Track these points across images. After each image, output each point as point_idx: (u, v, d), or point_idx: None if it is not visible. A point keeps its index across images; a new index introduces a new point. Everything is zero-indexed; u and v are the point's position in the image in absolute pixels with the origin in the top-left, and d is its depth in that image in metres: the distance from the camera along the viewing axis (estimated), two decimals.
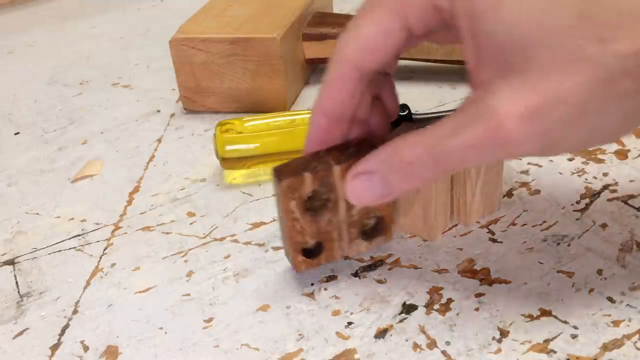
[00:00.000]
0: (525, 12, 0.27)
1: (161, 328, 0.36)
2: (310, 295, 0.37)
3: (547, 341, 0.32)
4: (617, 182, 0.42)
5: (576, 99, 0.26)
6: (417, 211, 0.38)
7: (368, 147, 0.34)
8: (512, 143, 0.28)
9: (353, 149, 0.35)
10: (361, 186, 0.33)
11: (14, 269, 0.42)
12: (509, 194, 0.42)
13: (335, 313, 0.35)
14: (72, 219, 0.46)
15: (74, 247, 0.43)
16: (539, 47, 0.27)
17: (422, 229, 0.39)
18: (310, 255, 0.37)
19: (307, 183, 0.34)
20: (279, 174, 0.34)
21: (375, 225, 0.37)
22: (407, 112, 0.48)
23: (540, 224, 0.39)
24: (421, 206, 0.38)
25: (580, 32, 0.26)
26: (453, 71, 0.59)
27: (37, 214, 0.47)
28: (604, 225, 0.39)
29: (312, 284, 0.37)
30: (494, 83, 0.28)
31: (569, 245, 0.38)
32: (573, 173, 0.43)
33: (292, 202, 0.34)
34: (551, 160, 0.45)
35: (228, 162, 0.47)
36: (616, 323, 0.33)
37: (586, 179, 0.43)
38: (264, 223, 0.43)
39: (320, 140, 0.35)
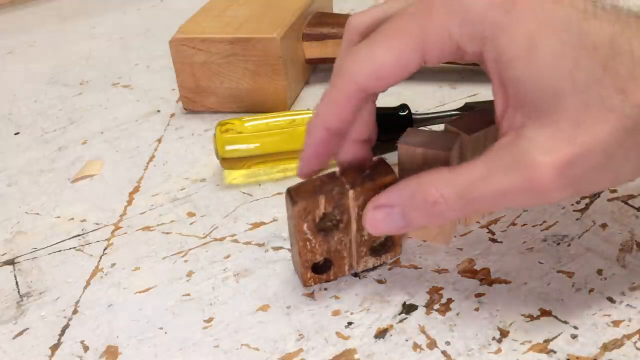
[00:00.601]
0: (557, 62, 0.27)
1: (161, 328, 0.36)
2: (310, 295, 0.37)
3: (547, 341, 0.32)
4: None
5: (604, 148, 0.27)
6: None
7: (384, 170, 0.35)
8: (546, 192, 0.28)
9: (368, 171, 0.35)
10: (380, 218, 0.33)
11: (14, 269, 0.42)
12: None
13: (335, 313, 0.35)
14: (72, 219, 0.46)
15: (74, 247, 0.43)
16: (570, 97, 0.27)
17: (437, 234, 0.39)
18: (318, 270, 0.37)
19: (321, 205, 0.34)
20: (293, 195, 0.34)
21: (384, 242, 0.37)
22: (407, 112, 0.48)
23: (540, 224, 0.39)
24: None
25: (605, 84, 0.27)
26: (453, 71, 0.59)
27: (37, 214, 0.47)
28: (604, 225, 0.39)
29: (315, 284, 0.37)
30: (527, 128, 0.28)
31: (569, 245, 0.38)
32: None
33: (305, 224, 0.34)
34: None
35: (228, 162, 0.47)
36: (616, 323, 0.33)
37: None
38: (264, 223, 0.43)
39: (318, 153, 0.34)
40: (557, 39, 0.27)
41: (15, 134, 0.58)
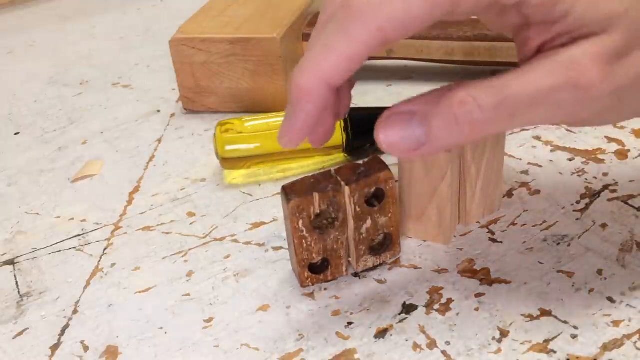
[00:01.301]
0: None
1: (161, 328, 0.36)
2: (310, 295, 0.37)
3: (547, 341, 0.32)
4: (617, 182, 0.42)
5: None
6: (432, 216, 0.38)
7: (378, 166, 0.35)
8: (591, 91, 0.27)
9: (363, 168, 0.35)
10: (396, 129, 0.28)
11: (14, 269, 0.42)
12: (509, 194, 0.42)
13: (335, 313, 0.35)
14: (72, 219, 0.46)
15: (74, 247, 0.43)
16: (620, 16, 0.27)
17: (437, 233, 0.39)
18: (316, 270, 0.37)
19: (316, 203, 0.34)
20: (288, 193, 0.34)
21: (382, 241, 0.37)
22: None
23: (540, 224, 0.39)
24: (436, 211, 0.38)
25: None
26: (453, 71, 0.59)
27: (37, 214, 0.47)
28: (604, 225, 0.39)
29: (312, 284, 0.37)
30: (570, 43, 0.28)
31: (569, 245, 0.38)
32: (573, 173, 0.43)
33: (300, 221, 0.34)
34: (551, 161, 0.45)
35: (228, 162, 0.47)
36: (616, 323, 0.33)
37: (586, 179, 0.43)
38: (264, 223, 0.43)
39: (318, 116, 0.29)
40: None
41: (15, 134, 0.58)
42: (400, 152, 0.29)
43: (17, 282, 0.40)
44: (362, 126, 0.47)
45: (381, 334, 0.34)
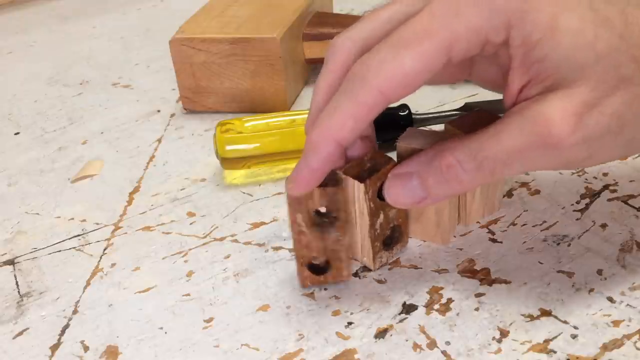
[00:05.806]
0: (580, 37, 0.29)
1: (161, 328, 0.36)
2: (310, 295, 0.37)
3: (547, 341, 0.32)
4: (617, 182, 0.42)
5: (617, 112, 0.29)
6: (430, 217, 0.38)
7: (382, 159, 0.35)
8: (560, 146, 0.29)
9: (369, 164, 0.35)
10: (400, 187, 0.33)
11: (14, 269, 0.42)
12: (509, 194, 0.42)
13: (335, 313, 0.35)
14: (72, 219, 0.46)
15: (74, 247, 0.43)
16: (591, 67, 0.29)
17: (435, 234, 0.39)
18: (319, 272, 0.36)
19: (315, 198, 0.34)
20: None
21: (391, 234, 0.37)
22: (407, 112, 0.48)
23: (540, 224, 0.39)
24: (434, 211, 0.38)
25: (622, 52, 0.29)
26: None
27: (37, 214, 0.47)
28: (604, 225, 0.39)
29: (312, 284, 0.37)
30: (542, 95, 0.29)
31: (569, 245, 0.38)
32: (573, 173, 0.43)
33: (298, 215, 0.34)
34: None
35: (228, 162, 0.47)
36: (616, 323, 0.33)
37: (586, 179, 0.43)
38: (264, 223, 0.43)
39: (325, 170, 0.32)
40: (575, 16, 0.29)
41: (15, 134, 0.58)
42: (407, 206, 0.33)
43: (17, 282, 0.40)
44: None
45: (381, 334, 0.34)
